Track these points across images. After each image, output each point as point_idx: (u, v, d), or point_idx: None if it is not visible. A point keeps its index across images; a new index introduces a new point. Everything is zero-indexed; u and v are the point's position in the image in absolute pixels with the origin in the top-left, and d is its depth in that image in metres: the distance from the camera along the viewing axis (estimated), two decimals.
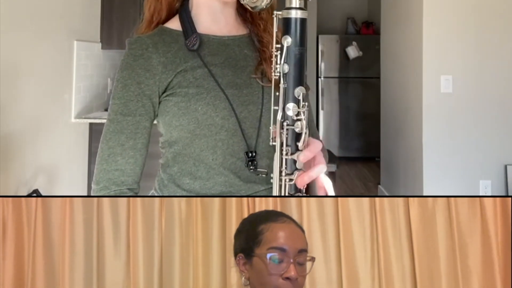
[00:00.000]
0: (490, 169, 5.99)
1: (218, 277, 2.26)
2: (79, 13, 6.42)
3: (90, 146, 6.37)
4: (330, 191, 1.75)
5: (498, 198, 2.35)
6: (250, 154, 1.90)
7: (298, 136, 1.59)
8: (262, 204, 2.26)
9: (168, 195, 2.00)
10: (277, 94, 1.62)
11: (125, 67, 1.88)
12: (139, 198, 2.28)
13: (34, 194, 4.89)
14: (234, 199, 2.26)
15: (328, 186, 1.75)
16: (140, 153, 1.88)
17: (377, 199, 2.34)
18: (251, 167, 1.89)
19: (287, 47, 1.59)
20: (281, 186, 1.61)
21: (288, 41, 1.58)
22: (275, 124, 1.61)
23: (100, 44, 7.06)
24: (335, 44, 11.88)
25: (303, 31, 1.61)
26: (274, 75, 1.62)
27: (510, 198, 2.34)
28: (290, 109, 1.57)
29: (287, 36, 1.59)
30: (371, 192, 8.74)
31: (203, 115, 1.84)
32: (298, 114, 1.58)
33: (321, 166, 1.65)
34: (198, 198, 2.28)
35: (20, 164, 4.88)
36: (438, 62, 6.19)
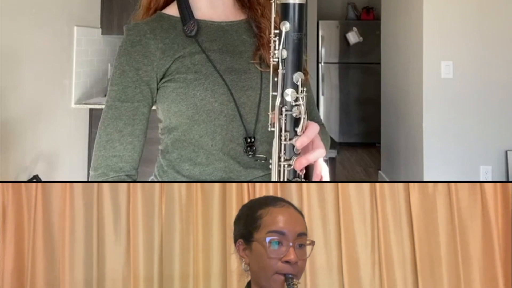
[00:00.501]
0: (491, 154, 5.99)
1: (218, 262, 2.26)
2: None
3: (90, 132, 6.36)
4: (326, 178, 1.75)
5: (498, 184, 2.35)
6: (249, 140, 1.90)
7: (296, 121, 1.59)
8: (262, 189, 2.26)
9: (168, 181, 1.99)
10: (275, 79, 1.62)
11: (123, 53, 1.88)
12: (139, 184, 2.28)
13: (34, 180, 4.90)
14: (234, 185, 2.26)
15: (324, 173, 1.74)
16: (138, 139, 1.87)
17: (377, 185, 2.34)
18: (250, 153, 1.88)
19: (286, 33, 1.59)
20: (280, 171, 1.61)
21: (286, 26, 1.58)
22: (274, 109, 1.61)
23: (100, 29, 7.04)
24: (336, 29, 11.86)
25: (301, 17, 1.61)
26: (273, 61, 1.61)
27: (510, 184, 2.34)
28: (289, 94, 1.57)
29: (286, 21, 1.58)
30: (372, 177, 8.74)
31: (202, 101, 1.83)
32: (296, 99, 1.57)
33: (319, 151, 1.64)
34: (198, 184, 2.28)
35: (20, 149, 4.88)
36: (439, 47, 6.18)
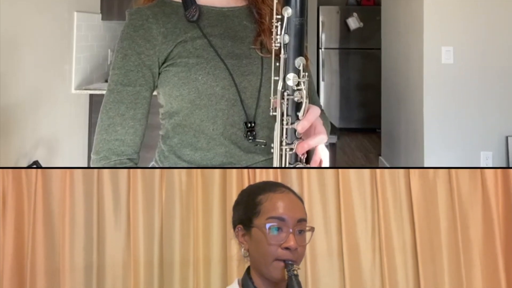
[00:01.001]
0: (491, 140, 5.98)
1: (219, 248, 2.26)
2: None
3: (90, 117, 6.35)
4: (326, 164, 1.75)
5: (499, 170, 2.35)
6: (249, 125, 1.90)
7: (298, 105, 1.60)
8: (262, 175, 2.26)
9: (168, 167, 1.99)
10: (277, 64, 1.63)
11: (125, 38, 1.88)
12: (139, 170, 2.28)
13: (34, 166, 4.90)
14: (234, 171, 2.26)
15: (324, 158, 1.74)
16: (140, 123, 1.87)
17: (378, 171, 2.34)
18: (250, 138, 1.88)
19: (288, 18, 1.60)
20: (281, 155, 1.61)
21: (288, 12, 1.59)
22: (276, 94, 1.61)
23: (100, 15, 7.02)
24: (336, 15, 11.83)
25: (303, 2, 1.61)
26: (274, 46, 1.62)
27: (511, 170, 2.34)
28: (291, 79, 1.58)
29: (288, 7, 1.59)
30: (372, 163, 8.73)
31: (204, 85, 1.83)
32: (298, 84, 1.59)
33: (320, 137, 1.65)
34: (199, 170, 2.28)
35: (20, 135, 4.87)
36: (439, 33, 6.16)
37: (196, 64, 1.84)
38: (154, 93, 1.93)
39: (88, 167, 2.05)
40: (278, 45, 1.61)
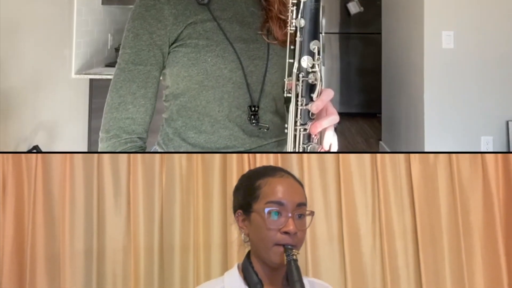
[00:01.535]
0: (492, 125, 5.97)
1: (219, 233, 2.27)
2: None
3: (90, 102, 6.33)
4: (334, 149, 1.75)
5: (499, 154, 2.35)
6: (253, 108, 1.91)
7: (312, 87, 1.62)
8: (263, 159, 2.26)
9: (172, 151, 1.99)
10: (292, 48, 1.65)
11: (136, 17, 1.89)
12: (140, 154, 2.28)
13: (34, 150, 4.89)
14: (234, 155, 2.26)
15: (334, 144, 1.74)
16: (150, 102, 1.88)
17: (378, 155, 2.34)
18: (254, 121, 1.89)
19: (304, 2, 1.62)
20: (295, 135, 1.62)
21: None
22: (290, 76, 1.64)
23: None
24: None
25: None
26: (290, 29, 1.65)
27: (511, 154, 2.34)
28: (306, 61, 1.59)
29: None
30: (372, 148, 8.74)
31: (213, 67, 1.85)
32: (313, 66, 1.61)
33: (333, 117, 1.67)
34: (199, 154, 2.28)
35: (20, 120, 4.87)
36: (440, 17, 6.14)
37: (206, 46, 1.85)
38: None
39: (88, 152, 2.05)
40: (294, 28, 1.63)
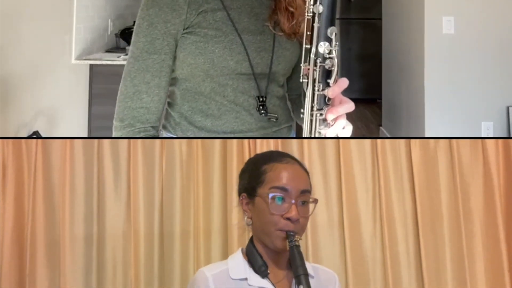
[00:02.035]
0: (492, 110, 5.96)
1: (219, 218, 2.27)
2: None
3: (91, 88, 6.32)
4: (347, 134, 1.75)
5: (500, 140, 2.35)
6: (261, 99, 1.92)
7: (328, 73, 1.62)
8: (263, 145, 2.26)
9: (169, 137, 1.99)
10: (308, 33, 1.64)
11: (151, 5, 1.88)
12: (140, 140, 2.27)
13: (34, 136, 4.89)
14: (235, 141, 2.26)
15: (347, 128, 1.74)
16: (164, 91, 1.89)
17: (378, 141, 2.34)
18: (262, 111, 1.89)
19: None
20: (312, 120, 1.62)
21: None
22: (306, 62, 1.63)
23: None
24: None
25: None
26: (307, 15, 1.63)
27: None
28: (323, 47, 1.59)
29: None
30: (373, 133, 8.72)
31: (219, 58, 1.85)
32: (330, 52, 1.61)
33: (349, 104, 1.68)
34: (199, 140, 2.28)
35: (20, 106, 4.86)
36: (440, 3, 6.12)
37: (214, 36, 1.85)
38: None
39: (88, 138, 2.05)
40: (311, 14, 1.62)
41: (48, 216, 2.27)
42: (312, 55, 1.61)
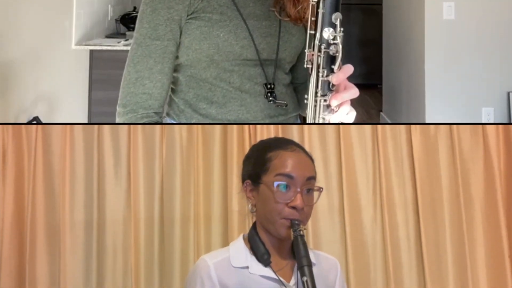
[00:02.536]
0: (493, 96, 5.96)
1: (219, 204, 2.27)
2: None
3: (91, 73, 6.31)
4: (351, 119, 1.74)
5: (500, 126, 2.35)
6: (269, 86, 1.91)
7: (333, 59, 1.61)
8: (263, 130, 2.26)
9: (170, 123, 1.98)
10: (313, 19, 1.62)
11: None
12: (140, 125, 2.27)
13: (34, 121, 4.89)
14: (235, 127, 2.25)
15: (351, 114, 1.73)
16: (167, 77, 1.88)
17: (379, 127, 2.33)
18: (271, 99, 1.88)
19: None
20: (315, 106, 1.61)
21: None
22: (311, 47, 1.62)
23: None
24: None
25: None
26: (312, 1, 1.62)
27: None
28: (328, 32, 1.58)
29: None
30: (373, 119, 8.71)
31: (224, 42, 1.84)
32: (334, 38, 1.60)
33: (354, 90, 1.67)
34: (199, 126, 2.28)
35: (20, 91, 4.86)
36: None
37: (219, 21, 1.84)
38: None
39: (88, 123, 2.05)
40: (315, 0, 1.61)
41: (48, 202, 2.27)
42: (316, 41, 1.60)
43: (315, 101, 1.61)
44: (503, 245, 2.26)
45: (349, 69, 1.62)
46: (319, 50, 1.59)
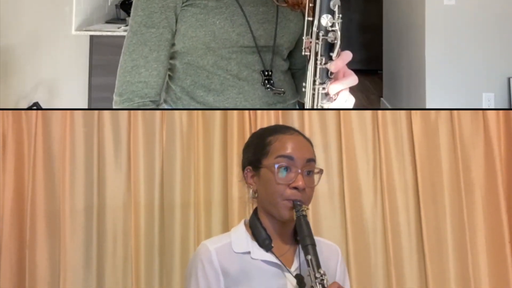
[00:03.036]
0: (493, 81, 5.94)
1: (220, 190, 2.27)
2: None
3: (91, 59, 6.30)
4: (350, 105, 1.73)
5: (501, 111, 2.35)
6: (267, 73, 1.90)
7: (331, 46, 1.59)
8: (263, 116, 2.26)
9: (171, 108, 1.98)
10: (311, 5, 1.60)
11: None
12: (140, 111, 2.27)
13: (34, 107, 4.88)
14: (235, 112, 2.25)
15: (349, 101, 1.72)
16: (163, 65, 1.87)
17: (379, 112, 2.33)
18: (268, 86, 1.87)
19: None
20: (314, 94, 1.60)
21: None
22: (309, 35, 1.60)
23: None
24: None
25: None
26: None
27: None
28: (326, 19, 1.56)
29: None
30: (374, 105, 8.69)
31: (220, 29, 1.83)
32: (332, 25, 1.57)
33: (353, 78, 1.65)
34: (199, 111, 2.28)
35: (20, 77, 4.85)
36: None
37: (215, 7, 1.83)
38: None
39: (88, 109, 2.04)
40: None
41: (48, 187, 2.27)
42: (314, 28, 1.57)
43: (313, 89, 1.60)
44: (504, 229, 2.27)
45: (347, 56, 1.60)
46: (317, 38, 1.57)
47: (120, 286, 2.25)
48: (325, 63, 1.58)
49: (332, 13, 1.57)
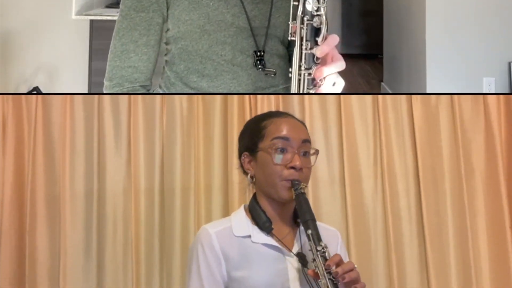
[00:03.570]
0: (494, 66, 5.92)
1: (220, 175, 2.27)
2: None
3: (91, 43, 6.28)
4: (338, 89, 1.73)
5: (501, 96, 2.35)
6: (259, 53, 1.88)
7: (317, 31, 1.58)
8: (264, 100, 2.25)
9: (170, 93, 1.97)
10: None
11: None
12: (140, 96, 2.27)
13: (34, 92, 4.88)
14: (235, 97, 2.25)
15: (338, 84, 1.71)
16: (153, 49, 1.86)
17: (380, 97, 2.33)
18: (260, 66, 1.87)
19: None
20: (300, 80, 1.60)
21: None
22: (294, 19, 1.59)
23: None
24: None
25: None
26: None
27: None
28: (311, 3, 1.55)
29: None
30: (374, 89, 8.69)
31: (214, 11, 1.81)
32: (318, 9, 1.57)
33: (339, 63, 1.64)
34: (200, 96, 2.27)
35: (20, 61, 4.85)
36: None
37: None
38: None
39: (88, 93, 2.04)
40: None
41: (48, 172, 2.27)
42: (299, 13, 1.57)
43: (299, 74, 1.60)
44: (504, 214, 2.27)
45: (333, 40, 1.59)
46: (302, 22, 1.57)
47: (120, 271, 2.26)
48: (310, 48, 1.57)
49: None
